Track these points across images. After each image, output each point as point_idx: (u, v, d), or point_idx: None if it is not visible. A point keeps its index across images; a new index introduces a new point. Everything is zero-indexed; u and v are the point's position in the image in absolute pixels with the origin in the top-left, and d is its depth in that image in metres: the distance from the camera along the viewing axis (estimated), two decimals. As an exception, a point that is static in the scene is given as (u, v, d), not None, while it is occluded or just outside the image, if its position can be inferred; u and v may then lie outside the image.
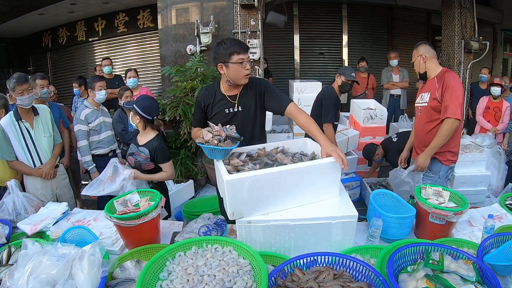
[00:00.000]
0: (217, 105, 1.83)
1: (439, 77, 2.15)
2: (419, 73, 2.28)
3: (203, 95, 1.87)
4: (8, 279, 1.15)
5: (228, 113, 1.82)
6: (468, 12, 4.94)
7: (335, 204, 1.40)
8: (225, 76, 1.73)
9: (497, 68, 7.34)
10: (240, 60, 1.66)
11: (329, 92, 2.94)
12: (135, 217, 1.39)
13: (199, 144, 1.45)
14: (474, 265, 1.14)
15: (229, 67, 1.68)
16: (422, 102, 2.28)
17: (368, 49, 6.79)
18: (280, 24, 4.43)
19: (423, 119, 2.28)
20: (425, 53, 2.20)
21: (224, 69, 1.71)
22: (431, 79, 2.22)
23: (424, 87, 2.31)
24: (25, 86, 2.19)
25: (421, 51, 2.22)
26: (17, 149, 2.26)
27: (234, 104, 1.81)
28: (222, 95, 1.82)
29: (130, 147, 2.20)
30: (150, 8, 6.15)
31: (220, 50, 1.69)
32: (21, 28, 6.82)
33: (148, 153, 2.06)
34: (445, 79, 2.09)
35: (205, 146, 1.43)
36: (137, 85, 3.88)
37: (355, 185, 3.55)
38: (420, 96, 2.33)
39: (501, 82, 3.82)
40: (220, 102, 1.82)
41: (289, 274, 1.15)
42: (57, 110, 3.00)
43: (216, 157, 1.45)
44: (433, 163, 2.23)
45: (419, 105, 2.32)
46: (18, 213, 1.91)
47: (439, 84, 2.12)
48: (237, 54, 1.66)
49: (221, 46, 1.70)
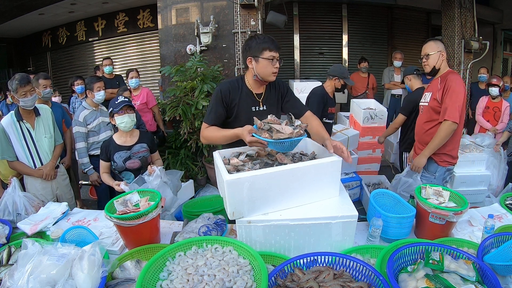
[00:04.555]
0: (243, 102, 1.74)
1: (443, 77, 2.14)
2: (432, 68, 2.20)
3: (228, 88, 1.72)
4: (8, 279, 1.15)
5: (254, 111, 1.75)
6: (468, 12, 4.94)
7: (335, 204, 1.40)
8: (253, 70, 1.69)
9: (497, 68, 7.34)
10: (271, 57, 1.65)
11: (316, 90, 2.94)
12: (135, 217, 1.39)
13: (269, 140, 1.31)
14: (474, 265, 1.14)
15: (259, 62, 1.65)
16: (424, 102, 2.29)
17: (368, 49, 6.80)
18: (280, 24, 4.43)
19: (423, 118, 2.30)
20: (444, 51, 2.18)
21: (253, 63, 1.67)
22: (435, 79, 2.22)
23: (428, 87, 2.31)
24: (28, 87, 2.18)
25: (442, 48, 2.18)
26: (17, 150, 2.25)
27: (259, 102, 1.77)
28: (249, 91, 1.75)
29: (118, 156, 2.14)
30: (150, 8, 6.16)
31: (253, 43, 1.66)
32: (21, 28, 6.82)
33: (147, 146, 2.23)
34: (447, 81, 2.07)
35: (286, 140, 1.31)
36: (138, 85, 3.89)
37: (355, 185, 3.55)
38: (424, 96, 2.33)
39: (498, 83, 3.83)
40: (247, 99, 1.74)
41: (289, 274, 1.15)
42: (60, 110, 3.00)
43: (289, 149, 1.39)
44: (429, 163, 2.24)
45: (422, 104, 2.33)
46: (18, 213, 1.92)
47: (441, 85, 2.11)
48: (269, 51, 1.64)
49: (254, 40, 1.67)
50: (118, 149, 2.16)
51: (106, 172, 2.21)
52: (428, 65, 2.22)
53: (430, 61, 2.20)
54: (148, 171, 2.11)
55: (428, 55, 2.20)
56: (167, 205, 1.99)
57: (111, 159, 2.16)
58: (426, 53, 2.21)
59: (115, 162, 2.15)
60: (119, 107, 2.08)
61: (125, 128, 2.13)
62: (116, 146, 2.16)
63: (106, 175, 2.20)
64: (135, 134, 2.23)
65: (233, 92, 1.72)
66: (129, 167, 2.18)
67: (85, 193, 4.03)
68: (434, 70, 2.21)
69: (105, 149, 2.18)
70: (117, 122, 2.10)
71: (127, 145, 2.18)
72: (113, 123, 2.16)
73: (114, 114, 2.10)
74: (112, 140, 2.20)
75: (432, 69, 2.21)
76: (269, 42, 1.65)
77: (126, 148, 2.17)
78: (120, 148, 2.16)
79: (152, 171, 2.07)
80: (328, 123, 2.93)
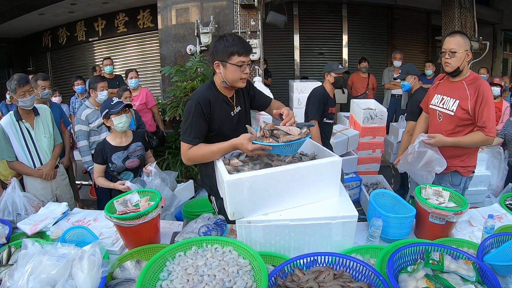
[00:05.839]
0: (223, 109, 1.61)
1: (471, 84, 1.87)
2: (456, 69, 1.88)
3: (207, 98, 1.55)
4: (8, 279, 1.15)
5: (233, 116, 1.66)
6: (468, 12, 4.94)
7: (335, 204, 1.40)
8: (221, 76, 1.55)
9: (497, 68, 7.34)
10: (240, 63, 1.49)
11: (316, 90, 2.93)
12: (135, 217, 1.39)
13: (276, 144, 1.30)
14: (474, 265, 1.14)
15: (227, 67, 1.51)
16: (445, 108, 1.96)
17: (368, 49, 6.80)
18: (280, 24, 4.43)
19: (443, 127, 1.98)
20: (470, 51, 1.87)
21: (220, 68, 1.53)
22: (458, 82, 1.93)
23: (448, 90, 1.98)
24: (27, 87, 2.18)
25: (469, 46, 1.86)
26: (17, 149, 2.25)
27: (233, 106, 1.67)
28: (224, 97, 1.63)
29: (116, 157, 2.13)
30: (150, 8, 6.16)
31: (220, 46, 1.50)
32: (21, 28, 6.83)
33: (141, 144, 2.26)
34: (480, 90, 1.82)
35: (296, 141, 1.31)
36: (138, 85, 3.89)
37: (355, 185, 3.55)
38: (441, 99, 2.00)
39: (500, 82, 3.82)
40: (222, 106, 1.61)
41: (289, 274, 1.15)
42: (58, 110, 3.01)
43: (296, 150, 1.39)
44: (454, 175, 2.02)
45: (440, 110, 2.00)
46: (18, 213, 1.92)
47: (471, 92, 1.84)
48: (238, 56, 1.48)
49: (222, 42, 1.50)
50: (115, 150, 2.14)
51: (101, 175, 2.17)
52: (451, 64, 1.88)
53: (455, 60, 1.86)
54: (145, 172, 2.12)
55: (454, 52, 1.84)
56: (166, 203, 2.00)
57: (107, 162, 2.14)
58: (452, 49, 1.85)
59: (114, 164, 2.13)
60: (117, 107, 2.06)
61: (122, 129, 2.11)
62: (112, 148, 2.14)
63: (102, 178, 2.15)
64: (128, 134, 2.23)
65: (212, 102, 1.56)
66: (128, 166, 2.17)
67: (85, 193, 4.04)
68: (458, 71, 1.90)
69: (101, 152, 2.12)
70: (114, 123, 2.07)
71: (124, 145, 2.17)
72: (107, 124, 2.12)
73: (111, 115, 2.07)
74: (106, 142, 2.15)
75: (455, 70, 1.89)
76: (238, 45, 1.48)
77: (122, 148, 2.16)
78: (117, 149, 2.14)
79: (149, 171, 2.07)
80: (329, 123, 2.92)
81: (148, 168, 2.09)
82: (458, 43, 1.85)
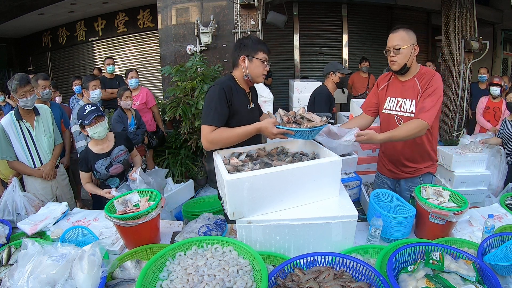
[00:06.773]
0: (241, 100, 1.72)
1: (422, 78, 1.74)
2: (403, 66, 1.73)
3: (229, 86, 1.65)
4: (8, 279, 1.15)
5: (249, 109, 1.77)
6: (468, 12, 4.95)
7: (335, 204, 1.40)
8: (245, 70, 1.68)
9: (497, 68, 7.35)
10: (264, 59, 1.67)
11: (321, 90, 2.95)
12: (135, 217, 1.39)
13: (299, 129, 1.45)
14: (474, 265, 1.14)
15: (253, 61, 1.66)
16: (403, 111, 1.80)
17: (368, 49, 6.80)
18: (280, 24, 4.43)
19: None
20: (416, 45, 1.73)
21: (246, 62, 1.67)
22: (410, 81, 1.78)
23: (401, 91, 1.82)
24: (27, 87, 2.18)
25: (414, 40, 1.72)
26: (17, 149, 2.26)
27: (249, 101, 1.79)
28: (242, 90, 1.74)
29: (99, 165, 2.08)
30: (150, 8, 6.16)
31: (249, 42, 1.67)
32: (21, 28, 6.83)
33: (124, 147, 2.19)
34: (432, 80, 1.70)
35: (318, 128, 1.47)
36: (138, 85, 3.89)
37: (355, 185, 3.55)
38: (397, 102, 1.83)
39: (500, 82, 3.83)
40: (242, 98, 1.73)
41: (289, 274, 1.15)
42: (58, 110, 3.00)
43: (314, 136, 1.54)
44: (426, 177, 1.91)
45: (399, 114, 1.82)
46: (18, 213, 1.92)
47: (422, 85, 1.72)
48: (263, 53, 1.67)
49: (250, 39, 1.69)
50: (97, 158, 2.07)
51: (89, 181, 2.12)
52: (397, 61, 1.73)
53: (401, 57, 1.71)
54: (130, 179, 2.06)
55: (399, 48, 1.70)
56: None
57: (92, 169, 2.08)
58: (397, 45, 1.71)
59: (98, 172, 2.07)
60: (89, 119, 1.95)
61: (99, 137, 2.04)
62: (94, 156, 2.07)
63: (89, 184, 2.11)
64: (110, 138, 2.15)
65: (234, 91, 1.67)
66: (113, 173, 2.11)
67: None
68: (405, 68, 1.74)
69: (84, 160, 2.07)
70: (89, 133, 2.00)
71: (105, 152, 2.10)
72: (85, 133, 2.05)
73: (85, 126, 1.98)
74: (89, 150, 2.09)
75: (402, 67, 1.74)
76: (263, 44, 1.69)
77: (105, 155, 2.09)
78: (99, 156, 2.08)
79: (134, 179, 2.02)
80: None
81: (133, 176, 2.02)
82: (402, 38, 1.70)
